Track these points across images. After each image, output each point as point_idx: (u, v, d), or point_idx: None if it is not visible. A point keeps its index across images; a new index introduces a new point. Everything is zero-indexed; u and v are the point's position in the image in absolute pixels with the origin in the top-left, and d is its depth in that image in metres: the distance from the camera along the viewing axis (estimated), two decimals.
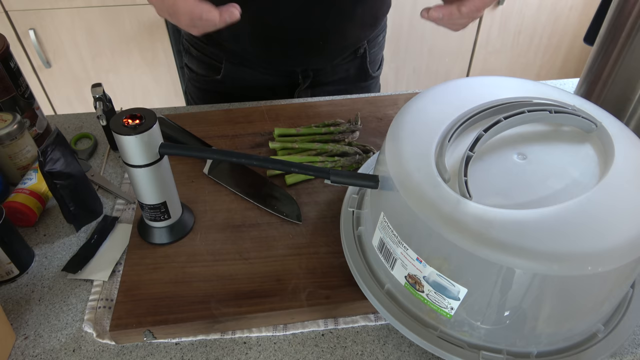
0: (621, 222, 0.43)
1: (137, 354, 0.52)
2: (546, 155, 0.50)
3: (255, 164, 0.53)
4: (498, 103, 0.53)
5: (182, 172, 0.69)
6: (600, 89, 0.72)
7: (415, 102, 0.55)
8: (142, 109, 0.52)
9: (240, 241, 0.60)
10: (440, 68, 1.94)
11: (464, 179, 0.45)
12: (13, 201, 0.63)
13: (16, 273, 0.59)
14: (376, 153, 0.69)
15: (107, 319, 0.55)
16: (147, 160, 0.52)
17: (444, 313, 0.47)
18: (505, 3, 1.76)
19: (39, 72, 1.69)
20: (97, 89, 0.68)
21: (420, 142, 0.49)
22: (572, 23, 1.89)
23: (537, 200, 0.45)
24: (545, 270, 0.40)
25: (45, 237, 0.64)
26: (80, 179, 0.62)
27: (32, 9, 1.54)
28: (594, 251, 0.41)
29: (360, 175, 0.52)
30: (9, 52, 0.69)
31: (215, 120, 0.79)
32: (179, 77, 1.75)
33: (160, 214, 0.58)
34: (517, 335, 0.46)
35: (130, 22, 1.61)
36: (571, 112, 0.53)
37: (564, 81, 0.92)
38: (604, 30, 0.70)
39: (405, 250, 0.46)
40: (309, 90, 0.94)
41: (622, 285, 0.48)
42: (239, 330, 0.54)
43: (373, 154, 0.71)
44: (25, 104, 0.72)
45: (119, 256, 0.61)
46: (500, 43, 1.90)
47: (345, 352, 0.52)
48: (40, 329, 0.54)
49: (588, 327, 0.49)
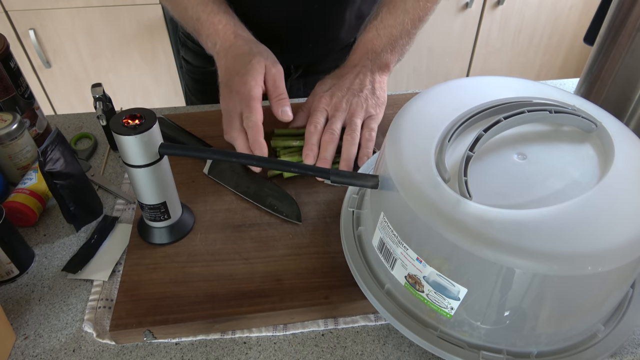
0: (621, 222, 0.43)
1: (137, 354, 0.52)
2: (546, 155, 0.50)
3: (255, 164, 0.53)
4: (498, 103, 0.53)
5: (182, 172, 0.69)
6: (600, 89, 0.72)
7: (415, 102, 0.55)
8: (142, 109, 0.52)
9: (240, 241, 0.60)
10: (440, 68, 1.94)
11: (464, 179, 0.45)
12: (13, 201, 0.63)
13: (16, 273, 0.59)
14: (376, 153, 0.69)
15: (107, 319, 0.55)
16: (147, 161, 0.52)
17: (444, 313, 0.47)
18: (505, 3, 1.76)
19: (39, 72, 1.69)
20: (97, 89, 0.68)
21: (420, 142, 0.49)
22: (572, 23, 1.89)
23: (537, 200, 0.45)
24: (545, 270, 0.40)
25: (45, 237, 0.64)
26: (80, 179, 0.62)
27: (32, 9, 1.54)
28: (594, 251, 0.41)
29: (360, 175, 0.52)
30: (9, 52, 0.69)
31: (215, 120, 0.79)
32: (179, 77, 1.75)
33: (160, 214, 0.58)
34: (517, 335, 0.46)
35: (130, 22, 1.61)
36: (571, 112, 0.53)
37: (564, 81, 0.92)
38: (604, 30, 0.70)
39: (405, 250, 0.46)
40: (301, 79, 0.94)
41: (622, 285, 0.48)
42: (239, 330, 0.54)
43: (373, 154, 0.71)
44: (25, 104, 0.72)
45: (119, 256, 0.61)
46: (500, 43, 1.90)
47: (345, 352, 0.52)
48: (40, 329, 0.54)
49: (588, 327, 0.49)
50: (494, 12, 1.80)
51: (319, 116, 0.69)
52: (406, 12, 0.73)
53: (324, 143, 0.67)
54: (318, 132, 0.68)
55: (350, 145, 0.67)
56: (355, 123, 0.68)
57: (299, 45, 0.89)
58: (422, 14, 0.75)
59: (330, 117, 0.70)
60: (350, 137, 0.67)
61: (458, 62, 1.94)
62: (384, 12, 0.74)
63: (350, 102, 0.70)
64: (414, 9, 0.74)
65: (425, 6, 0.75)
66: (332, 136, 0.67)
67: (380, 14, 0.74)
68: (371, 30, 0.74)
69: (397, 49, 0.75)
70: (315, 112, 0.70)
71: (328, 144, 0.66)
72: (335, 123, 0.68)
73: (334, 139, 0.67)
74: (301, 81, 0.95)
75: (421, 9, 0.74)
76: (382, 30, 0.74)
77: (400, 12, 0.73)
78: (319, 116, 0.69)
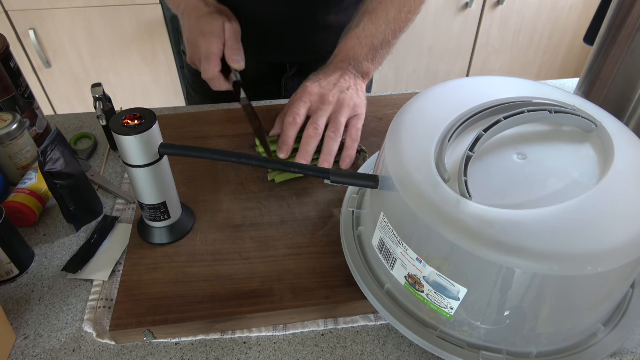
0: (621, 222, 0.43)
1: (137, 354, 0.52)
2: (546, 155, 0.50)
3: (255, 164, 0.53)
4: (498, 103, 0.53)
5: (182, 172, 0.69)
6: (600, 89, 0.72)
7: (415, 102, 0.55)
8: (142, 109, 0.52)
9: (240, 241, 0.60)
10: (440, 68, 1.94)
11: (464, 179, 0.45)
12: (13, 201, 0.63)
13: (16, 273, 0.59)
14: (376, 153, 0.69)
15: (107, 319, 0.55)
16: (147, 161, 0.52)
17: (444, 313, 0.47)
18: (505, 3, 1.76)
19: (39, 72, 1.69)
20: (97, 89, 0.68)
21: (420, 142, 0.49)
22: (572, 23, 1.89)
23: (537, 201, 0.45)
24: (545, 270, 0.40)
25: (45, 237, 0.64)
26: (80, 179, 0.62)
27: (32, 9, 1.54)
28: (594, 251, 0.41)
29: (360, 175, 0.52)
30: (9, 52, 0.69)
31: (215, 120, 0.79)
32: (179, 77, 1.75)
33: (160, 214, 0.58)
34: (517, 335, 0.46)
35: (130, 22, 1.61)
36: (571, 112, 0.53)
37: (564, 81, 0.92)
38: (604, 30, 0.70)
39: (405, 250, 0.46)
40: (296, 78, 0.94)
41: (622, 286, 0.48)
42: (239, 330, 0.54)
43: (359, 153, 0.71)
44: (25, 104, 0.72)
45: (119, 256, 0.61)
46: (500, 43, 1.90)
47: (345, 352, 0.52)
48: (40, 329, 0.54)
49: (588, 327, 0.49)
50: (494, 12, 1.80)
51: (301, 107, 0.67)
52: (388, 22, 0.73)
53: (307, 137, 0.64)
54: (297, 125, 0.66)
55: (333, 141, 0.64)
56: (340, 121, 0.66)
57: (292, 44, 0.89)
58: (403, 25, 0.75)
59: (314, 110, 0.67)
60: (334, 134, 0.65)
61: (458, 62, 1.94)
62: (366, 21, 0.73)
63: (337, 97, 0.68)
64: (396, 20, 0.74)
65: (407, 17, 0.75)
66: (315, 131, 0.64)
67: (362, 23, 0.73)
68: (352, 38, 0.74)
69: (377, 58, 0.75)
70: (298, 101, 0.67)
71: (311, 139, 0.64)
72: (321, 118, 0.66)
73: (318, 134, 0.65)
74: (296, 80, 0.95)
75: (403, 21, 0.74)
76: (364, 39, 0.73)
77: (382, 22, 0.73)
78: (301, 107, 0.67)
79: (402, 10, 0.74)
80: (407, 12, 0.74)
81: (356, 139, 0.67)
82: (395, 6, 0.73)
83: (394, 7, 0.73)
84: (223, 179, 0.69)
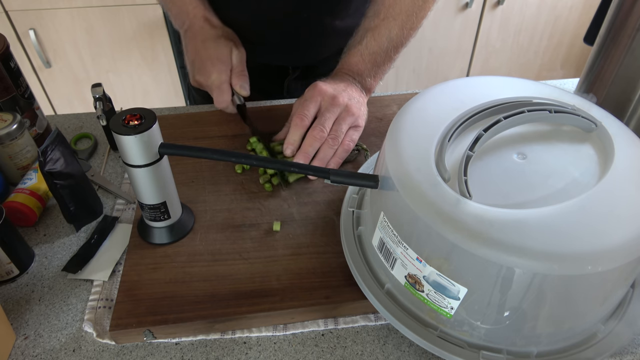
0: (621, 222, 0.43)
1: (137, 354, 0.52)
2: (546, 155, 0.50)
3: (255, 164, 0.53)
4: (498, 103, 0.53)
5: (182, 172, 0.69)
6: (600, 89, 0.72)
7: (415, 102, 0.55)
8: (142, 109, 0.52)
9: (240, 241, 0.60)
10: (440, 68, 1.94)
11: (464, 179, 0.45)
12: (13, 201, 0.63)
13: (16, 273, 0.59)
14: (376, 153, 0.69)
15: (107, 319, 0.55)
16: (147, 160, 0.52)
17: (444, 313, 0.47)
18: (505, 3, 1.76)
19: (39, 72, 1.69)
20: (97, 89, 0.68)
21: (420, 142, 0.49)
22: (572, 23, 1.89)
23: (537, 200, 0.45)
24: (545, 270, 0.40)
25: (45, 237, 0.64)
26: (80, 179, 0.62)
27: (32, 9, 1.54)
28: (594, 251, 0.41)
29: (360, 175, 0.52)
30: (9, 52, 0.69)
31: (215, 120, 0.79)
32: (179, 77, 1.75)
33: (160, 214, 0.58)
34: (517, 335, 0.46)
35: (130, 22, 1.61)
36: (571, 112, 0.53)
37: (564, 81, 0.92)
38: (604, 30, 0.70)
39: (405, 250, 0.46)
40: (299, 81, 0.94)
41: (622, 285, 0.48)
42: (239, 330, 0.54)
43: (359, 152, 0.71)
44: (25, 104, 0.72)
45: (119, 256, 0.61)
46: (500, 43, 1.90)
47: (345, 352, 0.52)
48: (40, 329, 0.54)
49: (588, 327, 0.49)
50: (494, 12, 1.80)
51: (311, 107, 0.67)
52: (391, 40, 0.73)
53: (312, 139, 0.65)
54: (304, 127, 0.66)
55: (329, 148, 0.66)
56: (342, 129, 0.67)
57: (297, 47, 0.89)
58: (405, 41, 0.75)
59: (324, 109, 0.67)
60: (332, 141, 0.66)
61: (458, 62, 1.94)
62: (369, 38, 0.73)
63: (346, 102, 0.69)
64: (399, 37, 0.74)
65: (409, 34, 0.75)
66: (321, 134, 0.65)
67: (365, 40, 0.73)
68: (355, 54, 0.74)
69: (379, 74, 0.75)
70: (309, 100, 0.68)
71: (315, 141, 0.65)
72: (328, 120, 0.66)
73: (322, 137, 0.65)
74: (299, 82, 0.95)
75: (405, 37, 0.74)
76: (366, 56, 0.73)
77: (385, 39, 0.73)
78: (311, 107, 0.67)
79: (404, 27, 0.74)
80: (409, 28, 0.74)
81: (348, 150, 0.68)
82: (397, 23, 0.73)
83: (396, 24, 0.73)
84: (223, 179, 0.69)
